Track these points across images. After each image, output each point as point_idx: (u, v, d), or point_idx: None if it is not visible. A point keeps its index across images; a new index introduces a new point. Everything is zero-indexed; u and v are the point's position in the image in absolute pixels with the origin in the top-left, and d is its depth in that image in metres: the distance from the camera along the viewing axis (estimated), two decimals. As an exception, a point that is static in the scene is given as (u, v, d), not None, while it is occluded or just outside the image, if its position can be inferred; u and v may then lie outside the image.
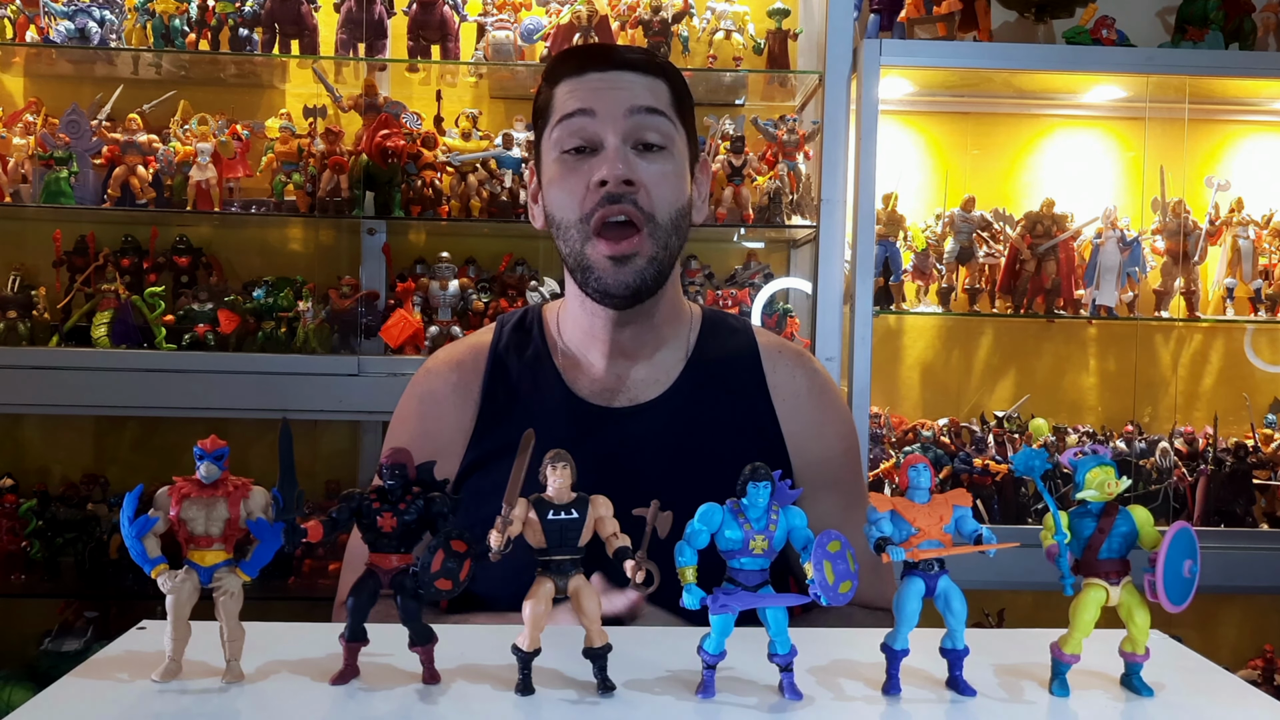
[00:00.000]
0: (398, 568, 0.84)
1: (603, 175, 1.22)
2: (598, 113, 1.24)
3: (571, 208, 1.25)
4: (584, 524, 0.83)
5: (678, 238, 1.28)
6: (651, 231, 1.25)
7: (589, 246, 1.25)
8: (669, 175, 1.26)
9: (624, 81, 1.26)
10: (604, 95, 1.25)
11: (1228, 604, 2.72)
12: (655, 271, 1.26)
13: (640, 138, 1.25)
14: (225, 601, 0.83)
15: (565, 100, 1.27)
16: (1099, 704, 0.84)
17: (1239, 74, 2.42)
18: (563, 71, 1.29)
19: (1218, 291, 2.56)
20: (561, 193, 1.26)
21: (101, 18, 2.32)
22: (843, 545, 0.82)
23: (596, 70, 1.27)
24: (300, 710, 0.78)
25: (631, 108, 1.24)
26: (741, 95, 2.67)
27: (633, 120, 1.24)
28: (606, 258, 1.24)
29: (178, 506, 0.83)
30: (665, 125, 1.26)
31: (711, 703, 0.81)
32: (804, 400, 1.35)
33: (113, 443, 2.61)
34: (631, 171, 1.23)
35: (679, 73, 1.33)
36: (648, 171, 1.24)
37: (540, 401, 1.32)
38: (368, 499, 0.85)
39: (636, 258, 1.24)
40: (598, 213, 1.23)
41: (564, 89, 1.28)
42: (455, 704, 0.80)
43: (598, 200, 1.23)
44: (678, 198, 1.28)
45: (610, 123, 1.24)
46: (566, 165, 1.26)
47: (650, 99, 1.26)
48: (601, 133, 1.24)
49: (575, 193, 1.25)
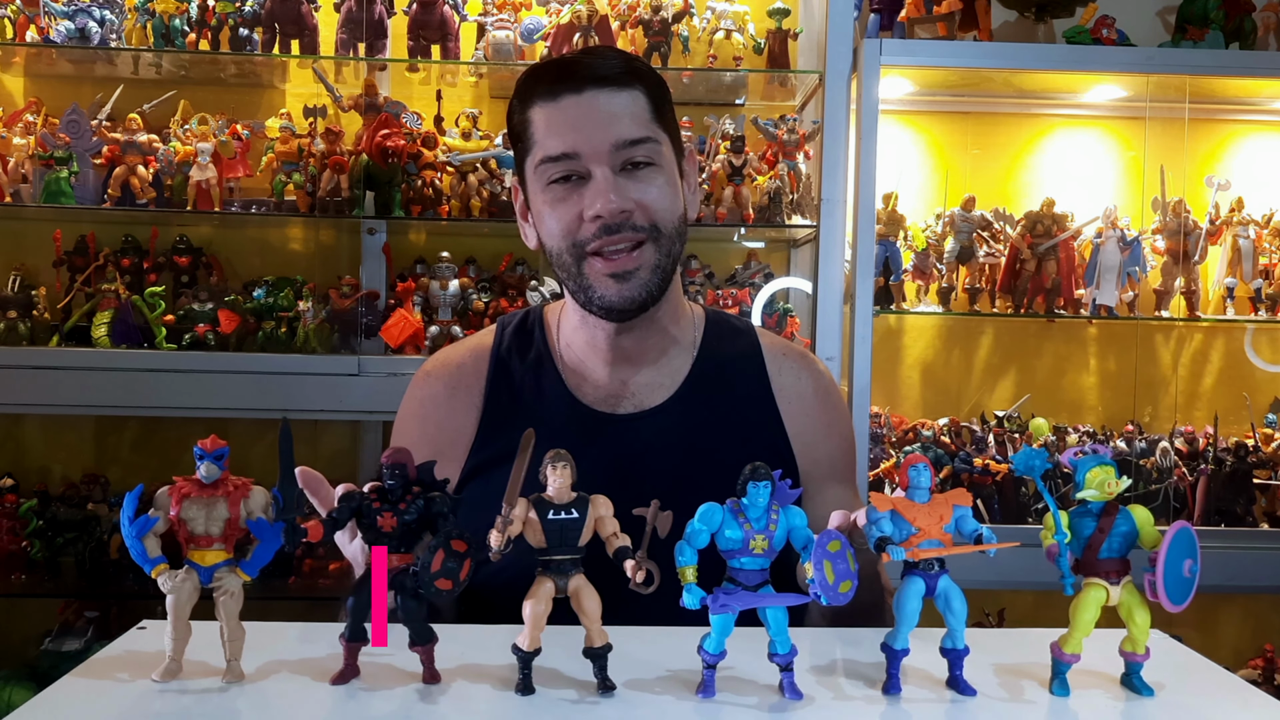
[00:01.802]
0: (398, 568, 0.85)
1: (597, 210, 1.20)
2: (583, 154, 1.20)
3: (565, 237, 1.23)
4: (584, 524, 0.83)
5: (680, 243, 1.28)
6: (655, 241, 1.23)
7: (586, 266, 1.23)
8: (662, 188, 1.24)
9: (601, 109, 1.21)
10: (584, 131, 1.20)
11: (1228, 604, 2.72)
12: (659, 280, 1.25)
13: (628, 160, 1.22)
14: (225, 601, 0.84)
15: (545, 135, 1.22)
16: (1099, 704, 0.84)
17: (1239, 74, 2.42)
18: (534, 93, 1.24)
19: (1218, 291, 2.56)
20: (553, 223, 1.24)
21: (101, 17, 2.32)
22: (843, 545, 0.82)
23: (570, 93, 1.21)
24: (300, 710, 0.78)
25: (616, 143, 1.20)
26: (741, 95, 2.67)
27: (619, 154, 1.21)
28: (607, 275, 1.22)
29: (178, 506, 0.83)
30: (651, 145, 1.23)
31: (711, 702, 0.81)
32: (810, 402, 1.35)
33: (113, 443, 2.61)
34: (624, 200, 1.20)
35: (653, 73, 1.28)
36: (640, 191, 1.22)
37: (543, 408, 1.31)
38: (368, 499, 0.85)
39: (640, 271, 1.23)
40: (594, 243, 1.21)
41: (540, 116, 1.23)
42: (455, 704, 0.80)
43: (594, 232, 1.21)
44: (674, 206, 1.26)
45: (596, 159, 1.20)
46: (555, 195, 1.23)
47: (632, 127, 1.21)
48: (589, 165, 1.21)
49: (568, 223, 1.22)
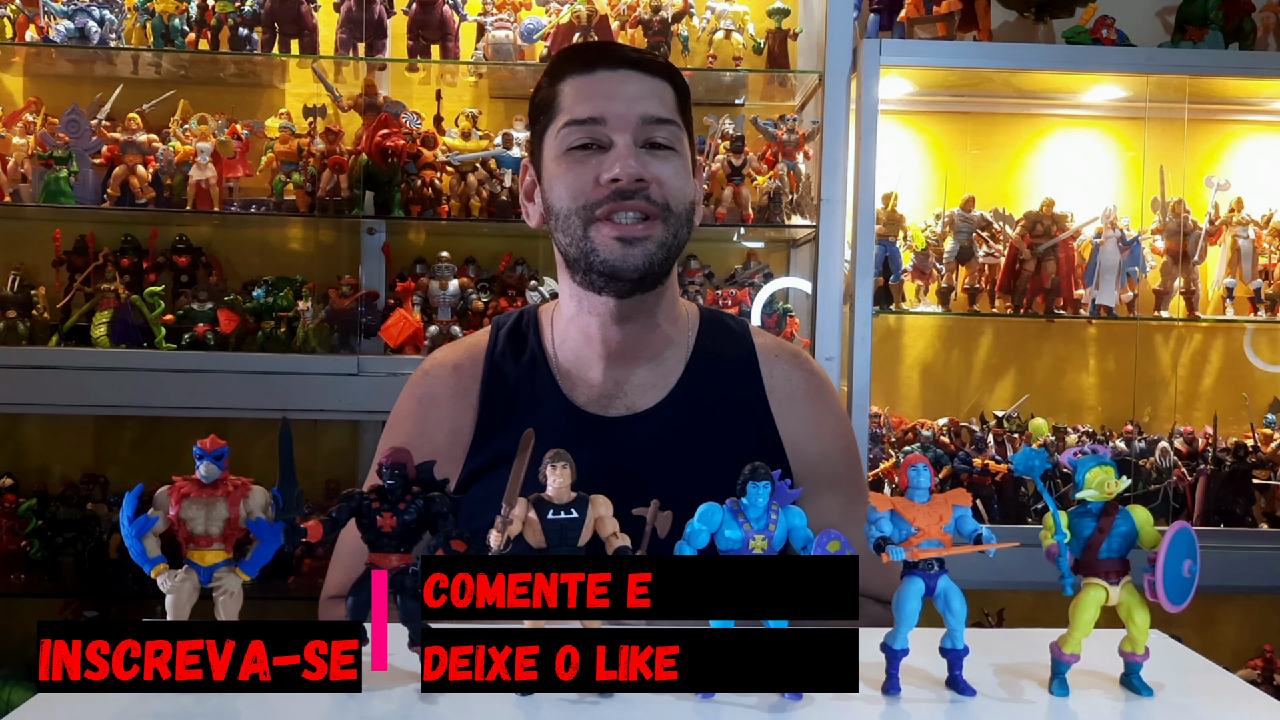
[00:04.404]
0: (398, 567, 0.84)
1: (615, 173, 1.21)
2: (608, 121, 1.23)
3: (576, 198, 1.24)
4: (584, 524, 0.83)
5: (687, 229, 1.29)
6: (665, 219, 1.24)
7: (593, 229, 1.23)
8: (679, 170, 1.27)
9: (632, 85, 1.25)
10: (614, 102, 1.24)
11: (1228, 604, 2.72)
12: (664, 256, 1.25)
13: (650, 138, 1.25)
14: (225, 601, 0.83)
15: (573, 102, 1.25)
16: (1099, 704, 0.84)
17: (1239, 74, 2.42)
18: (569, 69, 1.28)
19: (1218, 291, 2.57)
20: (566, 185, 1.25)
21: (101, 17, 2.32)
22: (843, 545, 0.82)
23: (605, 68, 1.26)
24: (300, 710, 0.78)
25: (643, 117, 1.24)
26: (741, 95, 2.67)
27: (643, 129, 1.24)
28: (614, 239, 1.23)
29: (177, 506, 0.83)
30: (673, 130, 1.26)
31: (711, 703, 0.81)
32: (800, 402, 1.35)
33: (113, 443, 2.61)
34: (644, 169, 1.22)
35: (680, 74, 1.32)
36: (659, 168, 1.24)
37: (537, 410, 1.31)
38: (368, 499, 0.85)
39: (648, 241, 1.23)
40: (606, 205, 1.22)
41: (571, 87, 1.26)
42: (455, 704, 0.80)
43: (607, 194, 1.22)
44: (687, 191, 1.28)
45: (620, 129, 1.23)
46: (573, 159, 1.25)
47: (659, 108, 1.25)
48: (611, 135, 1.23)
49: (582, 185, 1.24)
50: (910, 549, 0.83)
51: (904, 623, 0.84)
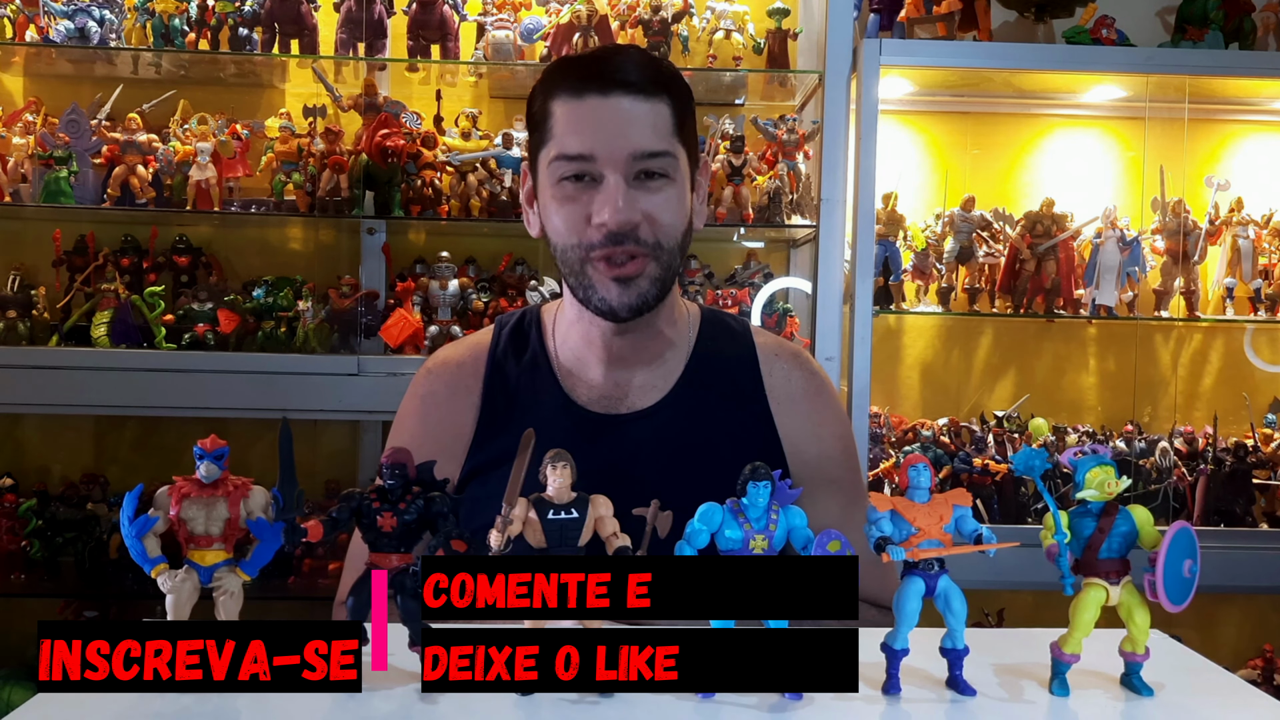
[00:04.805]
0: (398, 567, 0.84)
1: (604, 218, 1.19)
2: (598, 157, 1.20)
3: (570, 236, 1.23)
4: (584, 524, 0.83)
5: (680, 256, 1.28)
6: (656, 256, 1.23)
7: (590, 267, 1.23)
8: (671, 201, 1.24)
9: (624, 116, 1.21)
10: (604, 136, 1.20)
11: (1228, 604, 2.72)
12: (657, 291, 1.25)
13: (643, 169, 1.22)
14: (225, 601, 0.84)
15: (564, 131, 1.22)
16: (1099, 704, 0.84)
17: (1239, 74, 2.42)
18: (560, 88, 1.24)
19: (1218, 291, 2.57)
20: (561, 220, 1.24)
21: (101, 17, 2.32)
22: (843, 545, 0.82)
23: (595, 93, 1.21)
24: (300, 710, 0.78)
25: (634, 153, 1.20)
26: (741, 95, 2.67)
27: (634, 164, 1.21)
28: (610, 279, 1.23)
29: (178, 506, 0.83)
30: (667, 160, 1.23)
31: (711, 703, 0.81)
32: (799, 402, 1.35)
33: (113, 443, 2.61)
34: (633, 211, 1.20)
35: (680, 81, 1.28)
36: (650, 203, 1.22)
37: (538, 409, 1.31)
38: (368, 499, 0.85)
39: (640, 279, 1.23)
40: (599, 249, 1.21)
41: (561, 112, 1.23)
42: (455, 704, 0.80)
43: (600, 238, 1.21)
44: (681, 222, 1.26)
45: (611, 165, 1.20)
46: (565, 192, 1.23)
47: (651, 138, 1.21)
48: (603, 170, 1.21)
49: (575, 223, 1.22)
50: (910, 549, 0.83)
51: (904, 623, 0.84)
